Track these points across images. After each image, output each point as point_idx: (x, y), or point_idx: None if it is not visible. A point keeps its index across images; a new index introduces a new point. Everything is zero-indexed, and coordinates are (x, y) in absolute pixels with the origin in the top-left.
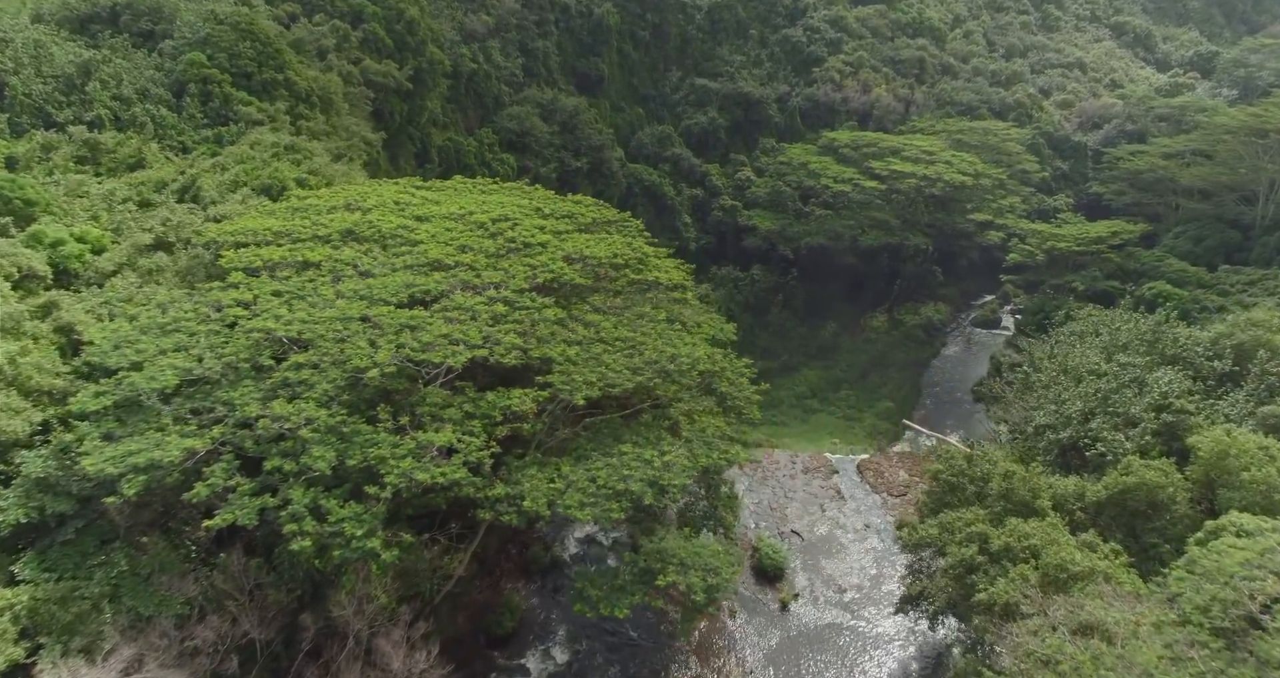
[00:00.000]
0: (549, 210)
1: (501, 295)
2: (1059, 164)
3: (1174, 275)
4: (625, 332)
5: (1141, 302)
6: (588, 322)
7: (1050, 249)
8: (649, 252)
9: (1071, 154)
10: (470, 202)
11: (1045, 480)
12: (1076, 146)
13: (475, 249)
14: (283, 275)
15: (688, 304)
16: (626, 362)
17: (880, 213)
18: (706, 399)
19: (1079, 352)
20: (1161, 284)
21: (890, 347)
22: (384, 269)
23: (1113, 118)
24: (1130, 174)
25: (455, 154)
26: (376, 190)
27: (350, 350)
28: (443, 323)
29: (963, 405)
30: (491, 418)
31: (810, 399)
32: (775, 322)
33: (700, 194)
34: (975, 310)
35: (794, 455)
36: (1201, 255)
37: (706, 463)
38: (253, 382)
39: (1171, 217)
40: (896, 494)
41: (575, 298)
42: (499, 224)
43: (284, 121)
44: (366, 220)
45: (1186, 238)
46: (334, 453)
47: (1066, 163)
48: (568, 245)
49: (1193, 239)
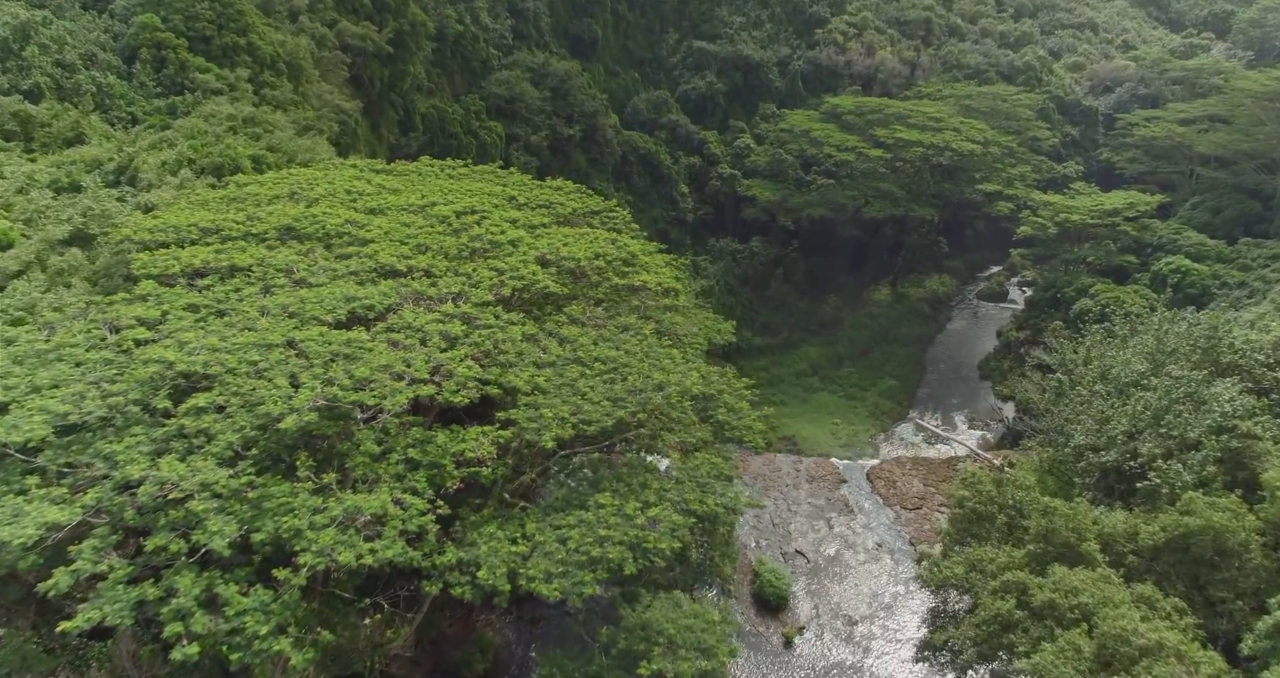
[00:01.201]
0: (524, 199)
1: (460, 310)
2: (1069, 130)
3: (1192, 249)
4: (607, 350)
5: (1158, 278)
6: (563, 337)
7: (1063, 222)
8: (636, 249)
9: (1082, 119)
10: (434, 189)
11: (1089, 515)
12: (1087, 111)
13: (434, 250)
14: (203, 284)
15: (680, 311)
16: (606, 390)
17: (885, 183)
18: (701, 428)
19: (1121, 358)
20: (1180, 259)
21: (894, 321)
22: (324, 276)
23: (1125, 81)
24: (1144, 141)
25: (440, 122)
26: (328, 176)
27: (265, 390)
28: (386, 348)
29: (969, 382)
30: (441, 467)
31: (811, 377)
32: (775, 296)
33: (698, 163)
34: (981, 283)
35: (798, 461)
36: (1220, 227)
37: (702, 512)
38: (143, 430)
39: (1187, 186)
40: (910, 508)
41: (550, 307)
42: (464, 218)
43: (246, 90)
44: (310, 214)
45: (1204, 209)
46: (236, 525)
47: (1077, 128)
48: (543, 243)
49: (1210, 210)
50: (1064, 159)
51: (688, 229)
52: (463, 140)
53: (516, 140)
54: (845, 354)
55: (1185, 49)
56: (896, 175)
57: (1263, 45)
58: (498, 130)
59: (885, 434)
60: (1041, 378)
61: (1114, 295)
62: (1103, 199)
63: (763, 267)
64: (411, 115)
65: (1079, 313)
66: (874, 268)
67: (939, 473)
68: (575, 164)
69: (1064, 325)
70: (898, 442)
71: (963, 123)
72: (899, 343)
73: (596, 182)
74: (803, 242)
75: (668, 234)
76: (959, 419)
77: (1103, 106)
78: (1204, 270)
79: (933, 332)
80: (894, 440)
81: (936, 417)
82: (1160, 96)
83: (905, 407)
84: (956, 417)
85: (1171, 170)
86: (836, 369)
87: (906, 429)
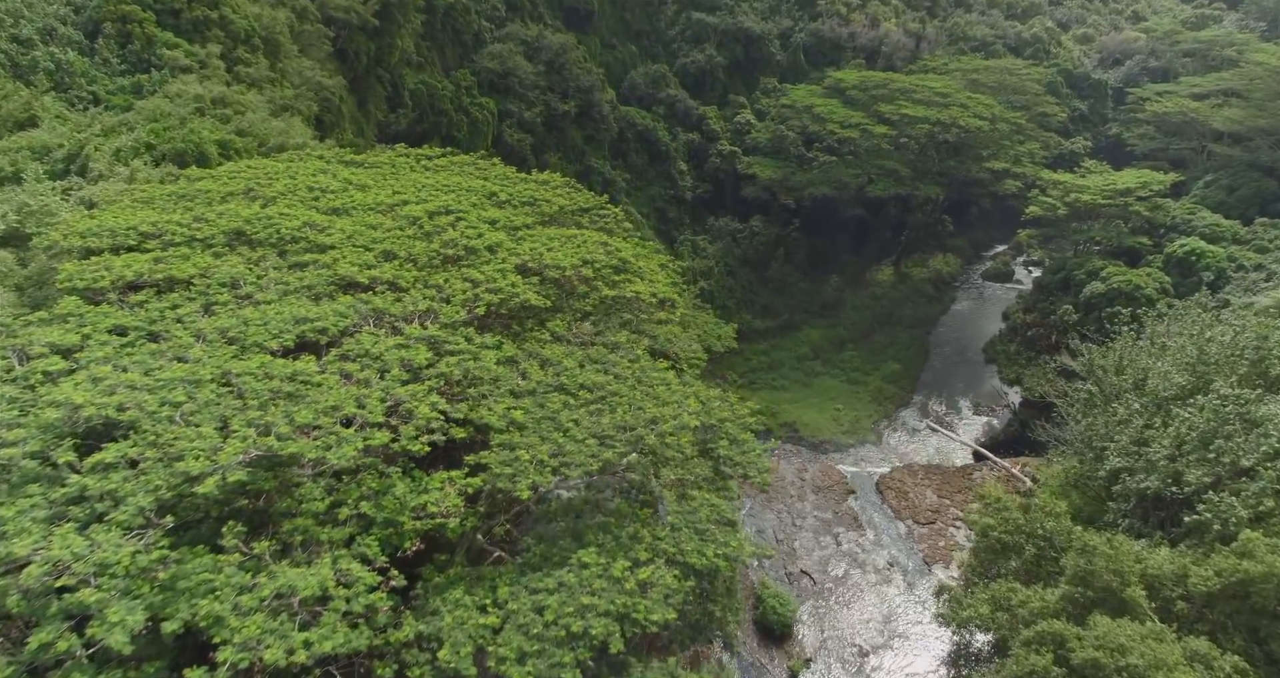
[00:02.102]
0: (506, 196)
1: (427, 333)
2: (1077, 104)
3: (1207, 230)
4: (593, 374)
5: (1172, 260)
6: (545, 359)
7: (1073, 202)
8: (629, 254)
9: (1091, 93)
10: (407, 185)
11: (1131, 551)
12: (1096, 85)
13: (402, 257)
14: (136, 301)
15: (676, 325)
16: (592, 424)
17: (889, 161)
18: (700, 463)
19: (1158, 368)
20: (1194, 240)
21: (897, 302)
22: (273, 292)
23: (1135, 53)
24: (1156, 117)
25: (429, 98)
26: (291, 169)
27: (187, 442)
28: (337, 383)
29: (973, 366)
30: (398, 525)
31: (812, 361)
32: (776, 277)
33: (697, 139)
34: (987, 263)
35: (803, 469)
36: (1235, 207)
37: (701, 566)
38: (41, 490)
39: (1199, 163)
40: (924, 522)
41: (531, 322)
42: (438, 219)
43: (217, 68)
44: (265, 216)
45: (1218, 187)
46: (143, 612)
47: (1085, 102)
48: (525, 248)
49: (1225, 188)
50: (1072, 134)
51: (686, 208)
52: (453, 118)
53: (509, 117)
54: (847, 337)
55: (1196, 20)
56: (901, 153)
57: (1276, 16)
58: (490, 107)
59: (888, 420)
60: (1065, 383)
61: (1126, 278)
62: (1115, 178)
63: (763, 247)
64: (400, 91)
65: (1090, 297)
66: (877, 247)
67: (953, 483)
68: (571, 141)
69: (1074, 310)
70: (901, 428)
71: (969, 98)
72: (902, 325)
73: (593, 159)
74: (804, 221)
75: (666, 213)
76: (964, 405)
77: (1112, 80)
78: (1219, 252)
79: (937, 313)
80: (897, 426)
81: (941, 402)
82: (1171, 69)
83: (908, 391)
84: (961, 402)
85: (1183, 147)
86: (838, 352)
87: (910, 415)
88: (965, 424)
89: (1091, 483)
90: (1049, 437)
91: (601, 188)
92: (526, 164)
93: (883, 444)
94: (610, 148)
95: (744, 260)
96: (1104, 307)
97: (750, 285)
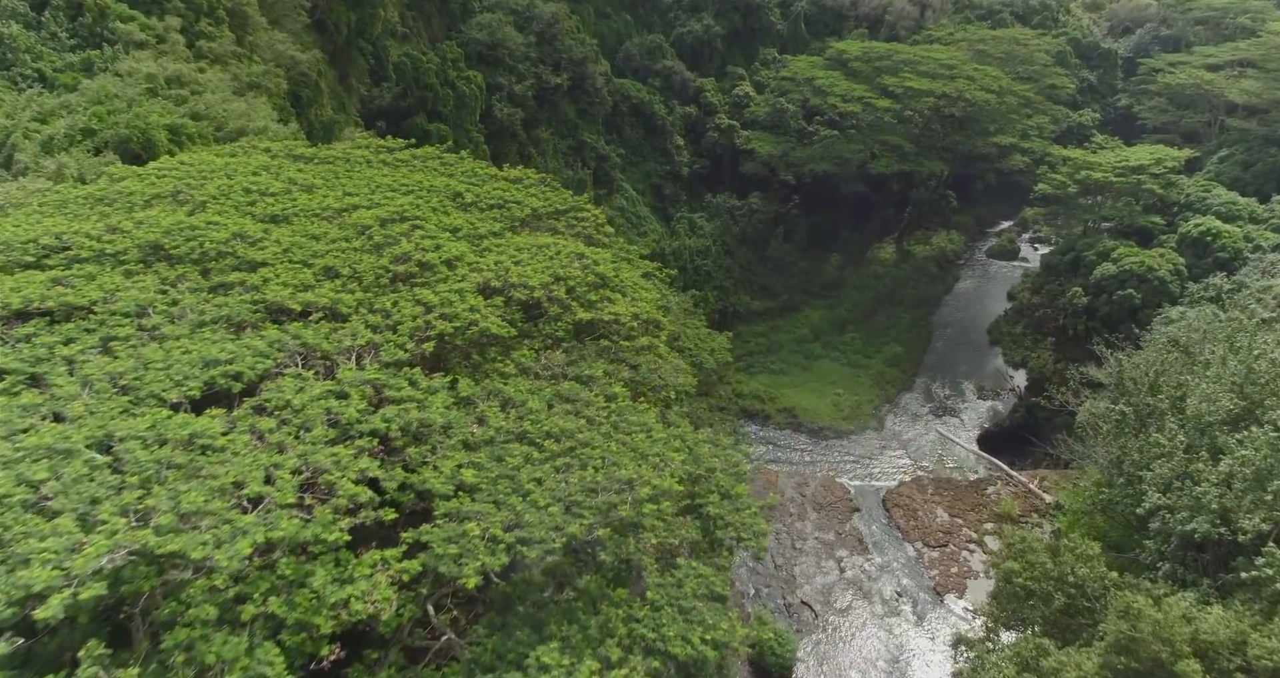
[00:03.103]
0: (472, 197)
1: (364, 375)
2: (1085, 74)
3: (1222, 209)
4: (562, 419)
5: (1186, 240)
6: (507, 399)
7: (1083, 179)
8: (608, 268)
9: (1100, 63)
10: (361, 184)
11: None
12: (1106, 54)
13: (345, 275)
14: (21, 334)
15: (660, 350)
16: (558, 486)
17: (893, 136)
18: (686, 524)
19: (1201, 389)
20: (1210, 220)
21: (899, 282)
22: (187, 323)
23: (1146, 21)
24: (1168, 88)
25: (414, 71)
26: (231, 165)
27: (36, 540)
28: (245, 446)
29: (978, 348)
30: (313, 630)
31: (812, 343)
32: (775, 256)
33: (694, 113)
34: (992, 240)
35: (802, 485)
36: (1250, 183)
37: (685, 657)
38: None
39: (1212, 137)
40: (934, 544)
41: (495, 350)
42: (391, 227)
43: (177, 42)
44: (190, 225)
45: (1233, 163)
46: None
47: (1094, 73)
48: (489, 262)
49: (1240, 164)
50: (1080, 106)
51: (683, 184)
52: (439, 92)
53: (499, 90)
54: (848, 318)
55: None
56: (905, 127)
57: None
58: (478, 80)
59: (890, 405)
60: (1091, 393)
61: (1138, 260)
62: (1127, 154)
63: (762, 225)
64: (384, 63)
65: (1100, 279)
66: (879, 225)
67: (966, 499)
68: (563, 115)
69: (1084, 292)
70: (903, 413)
71: (976, 70)
72: (904, 305)
73: (586, 134)
74: (804, 197)
75: (662, 190)
76: (967, 388)
77: (1122, 49)
78: (1235, 232)
79: (940, 293)
80: (899, 411)
81: (944, 386)
82: (1184, 38)
83: (910, 375)
84: (965, 385)
85: (1196, 119)
86: (839, 334)
87: (912, 400)
88: (969, 409)
89: (1121, 508)
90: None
91: (595, 164)
92: (517, 139)
93: (884, 430)
94: (604, 122)
95: (742, 239)
96: (1115, 289)
97: (748, 264)
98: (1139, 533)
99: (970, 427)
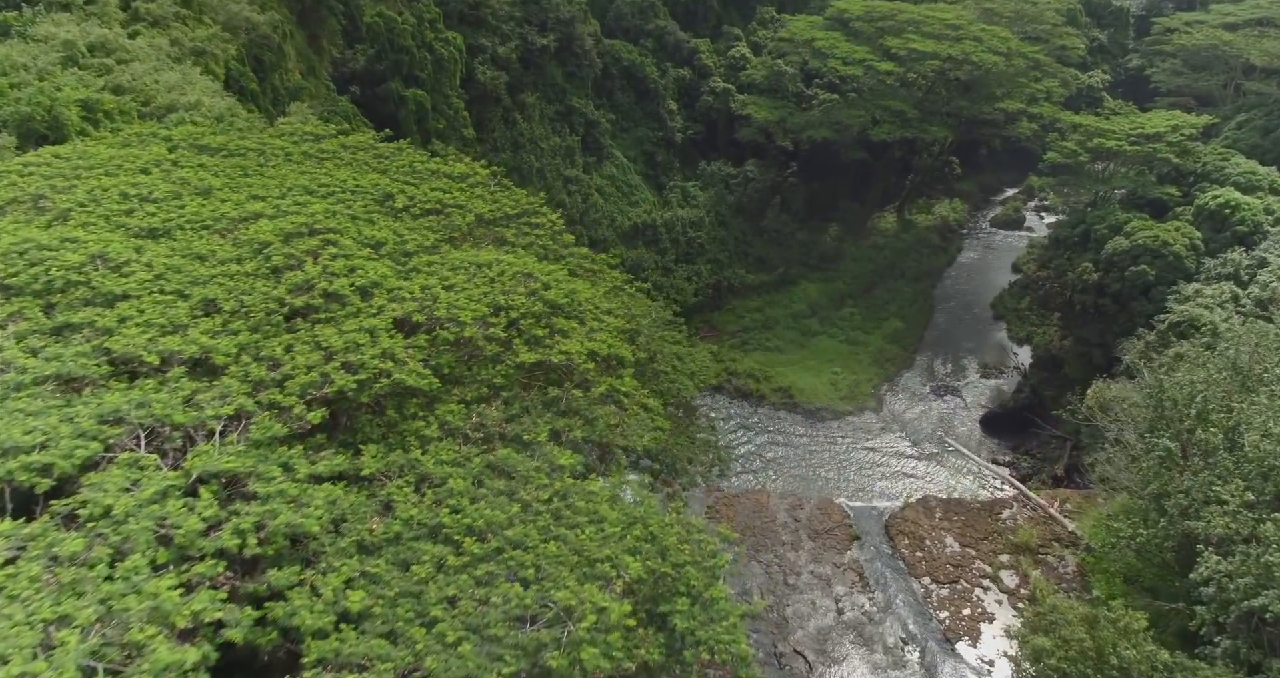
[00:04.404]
0: (405, 199)
1: (222, 465)
2: (1096, 34)
3: (1241, 179)
4: (490, 509)
5: (1203, 213)
6: (424, 476)
7: (1095, 148)
8: (560, 292)
9: (1111, 22)
10: (271, 185)
11: None
12: (1117, 13)
13: (228, 310)
14: None
15: (621, 401)
16: (476, 611)
17: (895, 101)
18: (649, 642)
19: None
20: (1228, 191)
21: (900, 253)
22: (6, 385)
23: None
24: (1183, 49)
25: (388, 33)
26: (116, 159)
27: None
28: (27, 588)
29: (981, 323)
30: None
31: (809, 319)
32: (771, 226)
33: (688, 75)
34: (996, 208)
35: (796, 506)
36: (1270, 151)
37: None
38: None
39: (1228, 100)
40: (944, 579)
41: (415, 404)
42: (296, 244)
43: (109, 3)
44: (36, 244)
45: (1251, 129)
46: None
47: (1104, 32)
48: (415, 286)
49: (1259, 130)
50: (1090, 68)
51: (676, 151)
52: (415, 55)
53: (481, 52)
54: (847, 292)
55: None
56: (908, 91)
57: None
58: (457, 42)
59: (890, 384)
60: (1122, 409)
61: (1152, 234)
62: (1142, 121)
63: (758, 194)
64: (358, 23)
65: (1112, 254)
66: (879, 193)
67: (978, 525)
68: (550, 79)
69: (1094, 268)
70: (902, 392)
71: (984, 30)
72: (905, 278)
73: (574, 98)
74: (802, 165)
75: (654, 157)
76: (970, 366)
77: (1134, 7)
78: (1255, 204)
79: (942, 264)
80: (899, 391)
81: (946, 363)
82: None
83: (911, 352)
84: (967, 363)
85: (1211, 82)
86: (837, 309)
87: (913, 378)
88: (972, 388)
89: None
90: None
91: (584, 130)
92: (501, 104)
93: (883, 411)
94: (594, 86)
95: (737, 208)
96: (1127, 265)
97: (743, 236)
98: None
99: (973, 407)
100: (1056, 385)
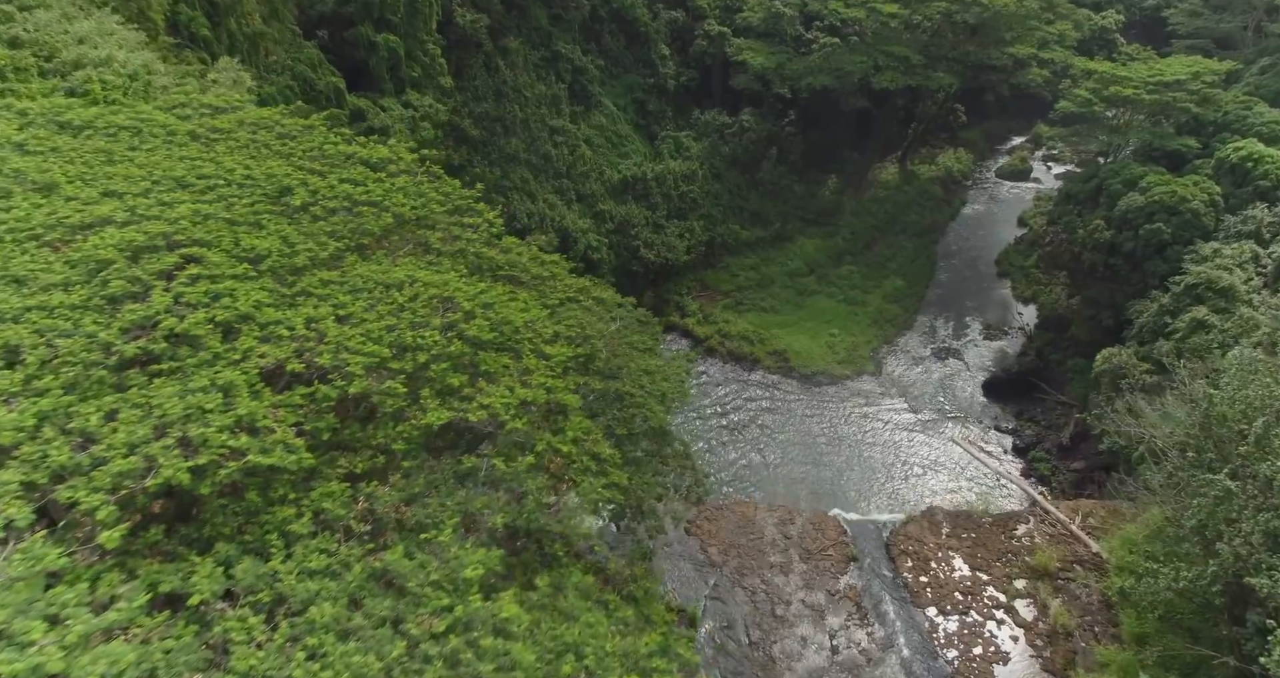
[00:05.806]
0: (304, 196)
1: None
2: None
3: (1264, 129)
4: (361, 655)
5: (1224, 167)
6: (280, 597)
7: (1111, 96)
8: (485, 327)
9: None
10: (136, 177)
11: None
12: None
13: (33, 362)
14: None
15: (556, 470)
16: None
17: (899, 47)
18: None
19: None
20: (1251, 143)
21: (901, 207)
22: None
23: None
24: None
25: None
26: None
27: None
28: None
29: (985, 281)
30: None
31: (806, 277)
32: (768, 179)
33: (680, 18)
34: (1002, 158)
35: (787, 520)
36: None
37: None
38: None
39: (1249, 43)
40: (953, 609)
41: (283, 486)
42: (147, 263)
43: None
44: None
45: (1276, 73)
46: None
47: None
48: (298, 318)
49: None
50: (1103, 8)
51: (669, 99)
52: None
53: None
54: (846, 248)
55: None
56: (912, 35)
57: None
58: None
59: (889, 346)
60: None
61: (1169, 190)
62: (1161, 67)
63: (754, 145)
64: None
65: (1127, 211)
66: (881, 143)
67: (990, 544)
68: (534, 21)
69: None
70: (902, 355)
71: None
72: (907, 233)
73: (560, 43)
74: (800, 114)
75: (645, 105)
76: (973, 327)
77: None
78: (1278, 156)
79: (945, 218)
80: (899, 353)
81: (948, 324)
82: None
83: (912, 312)
84: (970, 324)
85: (1232, 23)
86: (835, 267)
87: (913, 340)
88: (975, 350)
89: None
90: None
91: (571, 77)
92: (482, 50)
93: (882, 376)
94: (581, 29)
95: (732, 160)
96: (1142, 223)
97: (738, 189)
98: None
99: (975, 371)
100: (1063, 348)
